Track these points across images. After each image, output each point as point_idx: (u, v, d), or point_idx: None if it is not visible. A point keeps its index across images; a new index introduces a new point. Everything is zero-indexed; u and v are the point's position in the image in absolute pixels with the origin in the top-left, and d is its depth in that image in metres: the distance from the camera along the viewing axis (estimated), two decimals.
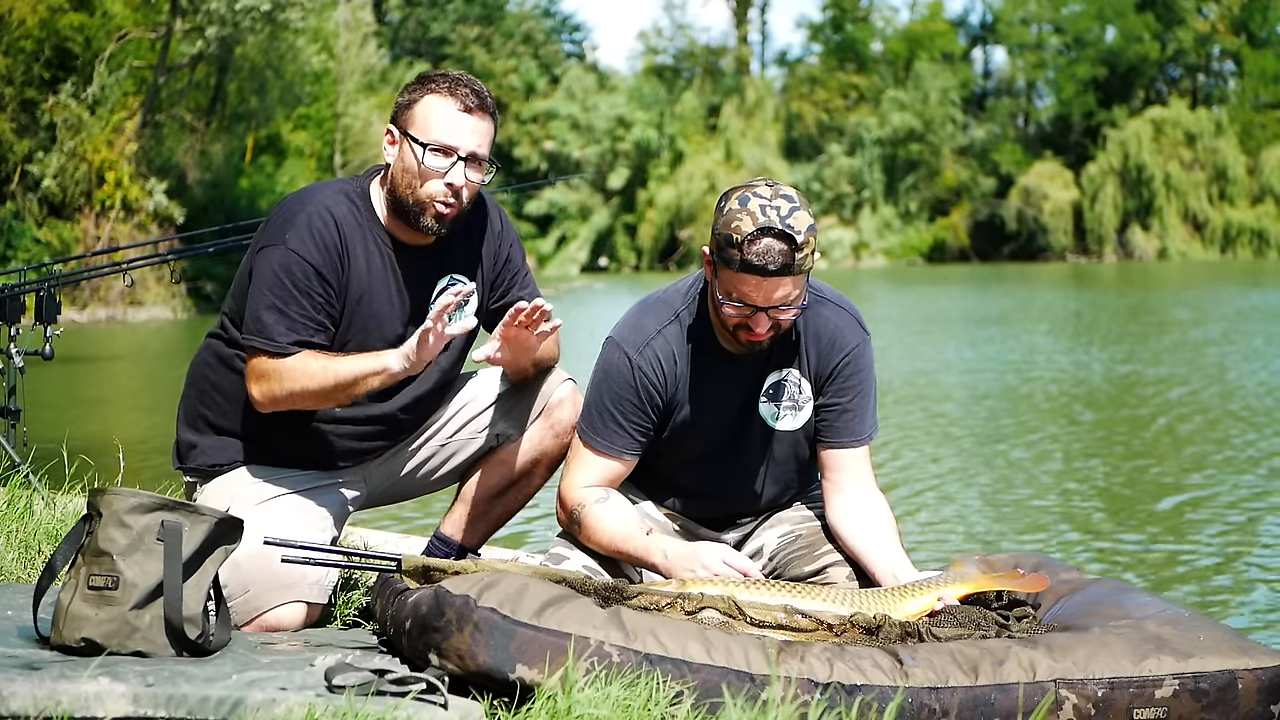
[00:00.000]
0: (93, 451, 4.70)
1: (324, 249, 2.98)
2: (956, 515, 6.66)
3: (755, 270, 2.81)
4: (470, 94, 2.99)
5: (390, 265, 3.06)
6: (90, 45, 28.56)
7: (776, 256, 2.80)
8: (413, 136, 2.98)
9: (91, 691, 2.19)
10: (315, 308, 2.97)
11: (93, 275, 6.05)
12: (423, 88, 3.02)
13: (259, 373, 2.97)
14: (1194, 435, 9.12)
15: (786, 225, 2.80)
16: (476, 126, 3.00)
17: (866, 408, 3.08)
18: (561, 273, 52.54)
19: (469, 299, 3.16)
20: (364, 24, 41.98)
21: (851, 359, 3.06)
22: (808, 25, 68.47)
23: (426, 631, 2.49)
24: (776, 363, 3.06)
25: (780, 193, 2.86)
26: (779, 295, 2.85)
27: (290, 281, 2.95)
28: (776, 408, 3.07)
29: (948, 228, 57.50)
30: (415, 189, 2.99)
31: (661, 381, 3.02)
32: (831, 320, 3.06)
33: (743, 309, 2.87)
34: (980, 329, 19.97)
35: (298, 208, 3.03)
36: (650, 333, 3.04)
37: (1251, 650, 2.57)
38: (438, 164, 2.97)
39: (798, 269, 2.83)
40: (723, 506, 3.20)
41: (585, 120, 56.90)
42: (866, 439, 3.09)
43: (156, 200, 28.50)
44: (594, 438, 3.06)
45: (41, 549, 3.51)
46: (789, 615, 2.65)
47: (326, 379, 2.93)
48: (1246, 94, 59.52)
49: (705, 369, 3.04)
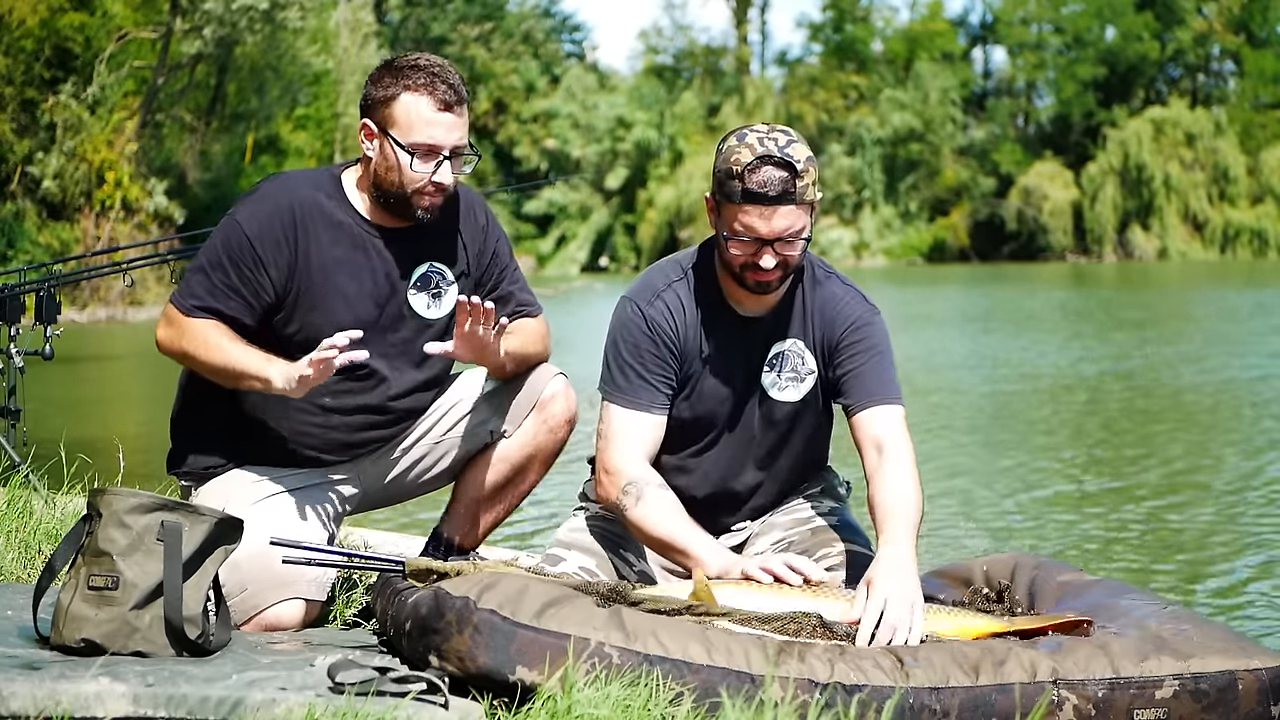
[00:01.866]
0: (93, 451, 4.70)
1: (268, 225, 3.00)
2: (957, 515, 6.66)
3: (757, 199, 2.82)
4: (448, 89, 2.98)
5: (362, 246, 3.06)
6: (90, 45, 28.57)
7: (777, 184, 2.81)
8: (394, 138, 2.99)
9: (91, 691, 2.19)
10: (241, 279, 2.99)
11: (93, 275, 6.05)
12: (396, 82, 2.99)
13: (168, 318, 3.04)
14: (1194, 434, 9.12)
15: (785, 154, 2.83)
16: (456, 122, 3.00)
17: (884, 368, 2.99)
18: (561, 272, 52.52)
19: (445, 290, 3.16)
20: (364, 24, 41.98)
21: (858, 324, 3.02)
22: (808, 25, 68.50)
23: (426, 633, 2.48)
24: (781, 333, 3.05)
25: (777, 128, 2.89)
26: (782, 225, 2.84)
27: (223, 248, 3.00)
28: (778, 377, 3.06)
29: (948, 228, 57.48)
30: (402, 186, 3.01)
31: (674, 328, 3.01)
32: (838, 294, 3.05)
33: (748, 245, 2.87)
34: (980, 328, 19.97)
35: (261, 185, 3.10)
36: (659, 287, 3.05)
37: (1252, 651, 2.56)
38: (424, 167, 2.99)
39: (799, 197, 2.84)
40: (722, 495, 3.14)
41: (585, 120, 56.89)
42: (894, 399, 2.96)
43: (156, 200, 28.52)
44: (620, 396, 3.01)
45: (41, 549, 3.51)
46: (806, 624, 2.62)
47: (214, 356, 2.96)
48: (1246, 94, 59.52)
49: (713, 324, 3.03)
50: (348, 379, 3.08)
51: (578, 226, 55.51)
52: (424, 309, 3.14)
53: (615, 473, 2.97)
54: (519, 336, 3.21)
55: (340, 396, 3.10)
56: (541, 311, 3.33)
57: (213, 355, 2.96)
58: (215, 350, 2.95)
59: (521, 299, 3.29)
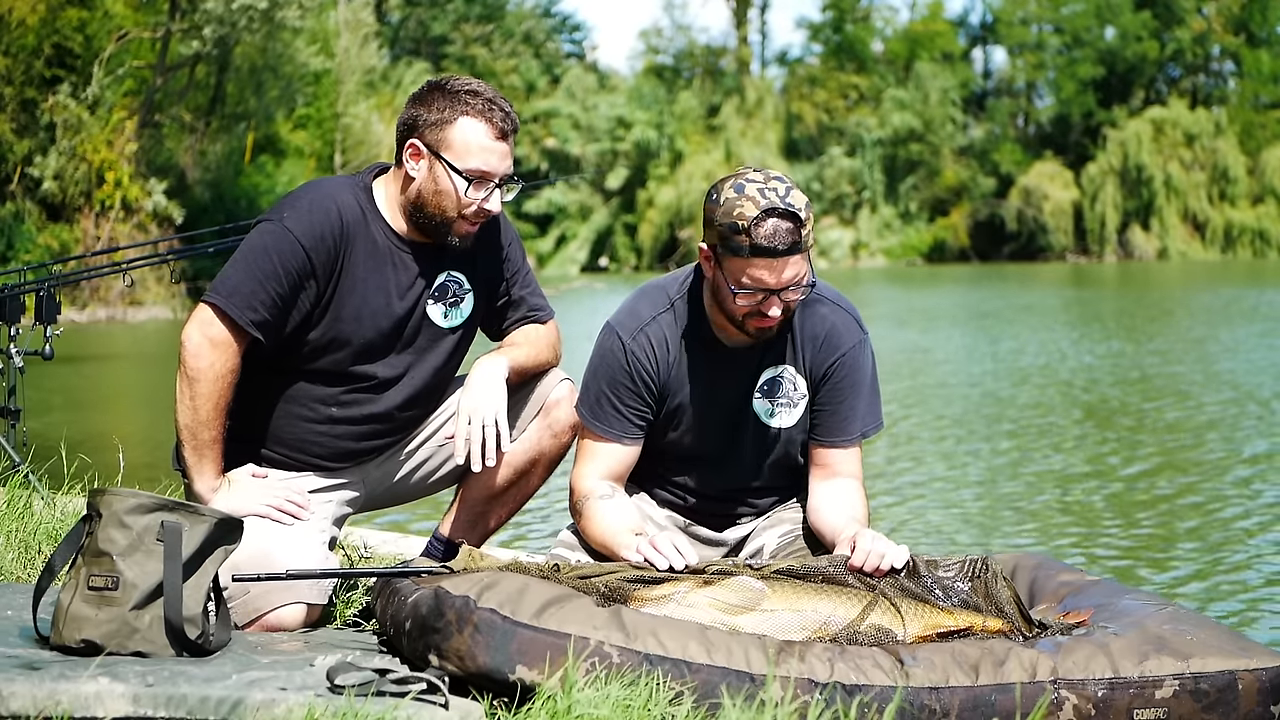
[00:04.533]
0: (92, 451, 4.70)
1: (321, 236, 2.96)
2: (957, 514, 6.66)
3: (766, 253, 2.82)
4: (504, 116, 2.99)
5: (390, 260, 3.06)
6: (90, 45, 28.56)
7: (785, 236, 2.82)
8: (448, 162, 2.96)
9: (91, 691, 2.19)
10: (293, 289, 2.95)
11: (92, 275, 6.04)
12: (453, 107, 2.97)
13: (204, 320, 2.93)
14: (1194, 434, 9.12)
15: (788, 204, 2.83)
16: (508, 151, 3.01)
17: (858, 408, 3.07)
18: (561, 272, 52.52)
19: (462, 299, 3.16)
20: (365, 24, 41.97)
21: (846, 360, 3.05)
22: (808, 25, 68.48)
23: (426, 632, 2.48)
24: (772, 359, 3.06)
25: (771, 175, 2.89)
26: (790, 275, 2.86)
27: (278, 258, 2.93)
28: (772, 404, 3.07)
29: (948, 228, 57.49)
30: (446, 210, 3.00)
31: (654, 367, 3.03)
32: (828, 319, 3.06)
33: (754, 296, 2.87)
34: (978, 327, 19.97)
35: (304, 193, 3.04)
36: (645, 319, 3.05)
37: (1251, 650, 2.56)
38: (477, 194, 2.98)
39: (805, 246, 2.86)
40: (722, 505, 3.19)
41: (585, 120, 56.90)
42: (856, 439, 3.08)
43: (156, 200, 28.51)
44: (594, 424, 3.06)
45: (41, 549, 3.51)
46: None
47: (190, 404, 2.91)
48: (1246, 94, 59.53)
49: (699, 358, 3.05)
50: (357, 390, 3.08)
51: (578, 226, 55.51)
52: (440, 318, 3.14)
53: (574, 490, 3.08)
54: (528, 346, 3.22)
55: (348, 407, 3.09)
56: (552, 316, 3.33)
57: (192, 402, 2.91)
58: (197, 401, 2.91)
59: (533, 304, 3.29)
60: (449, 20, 58.93)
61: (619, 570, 2.70)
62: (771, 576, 2.69)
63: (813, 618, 2.63)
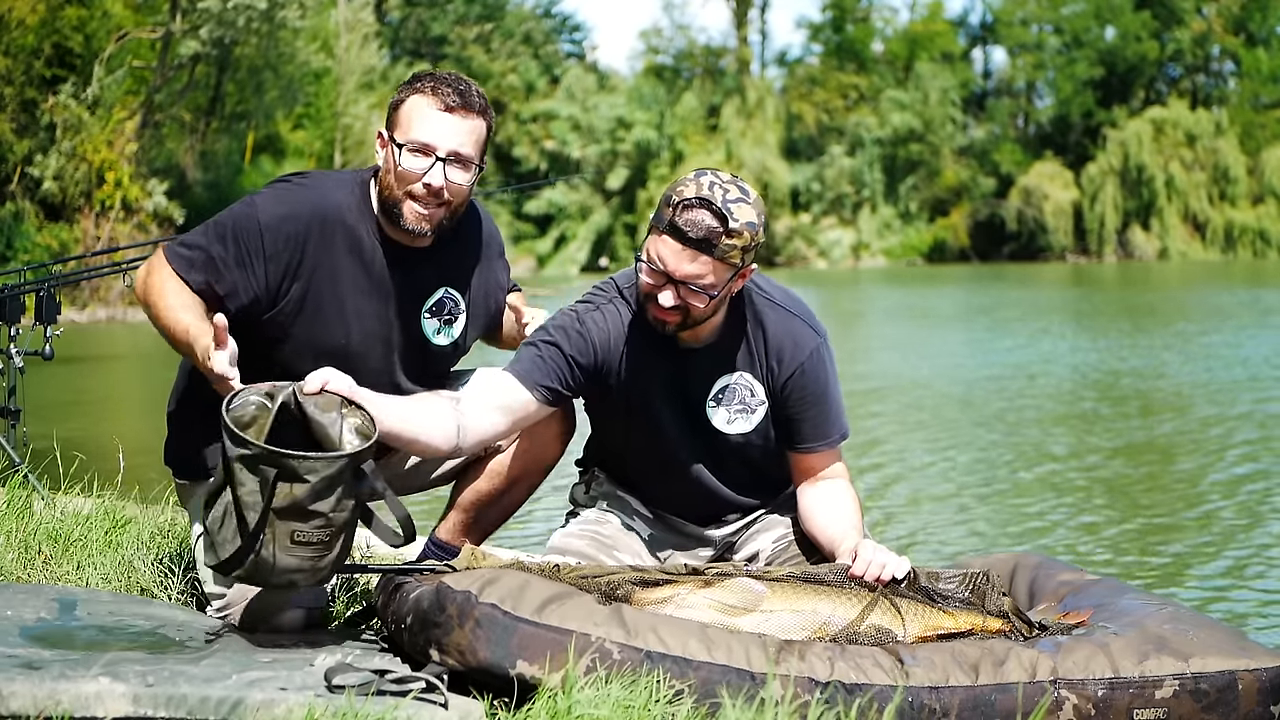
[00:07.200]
0: (92, 451, 4.70)
1: (282, 222, 2.94)
2: (957, 513, 6.66)
3: (678, 234, 2.79)
4: (453, 93, 2.96)
5: (376, 260, 3.04)
6: (90, 45, 28.57)
7: (702, 228, 2.78)
8: (393, 138, 2.97)
9: (91, 691, 2.19)
10: (238, 261, 2.93)
11: (92, 275, 6.05)
12: (409, 88, 3.00)
13: (153, 266, 2.95)
14: (1193, 433, 9.12)
15: (725, 207, 2.79)
16: (458, 125, 2.95)
17: (827, 413, 3.04)
18: (561, 273, 52.52)
19: (457, 318, 3.15)
20: (364, 24, 41.99)
21: (806, 368, 3.01)
22: (808, 25, 68.57)
23: (427, 627, 2.49)
24: (725, 367, 3.03)
25: (739, 185, 2.85)
26: (689, 270, 2.81)
27: (232, 226, 2.94)
28: (727, 411, 3.04)
29: (948, 228, 57.49)
30: (394, 190, 2.97)
31: (598, 342, 2.99)
32: (782, 326, 3.02)
33: (655, 275, 2.84)
34: (977, 326, 19.97)
35: (292, 183, 3.04)
36: (608, 296, 3.05)
37: (1251, 650, 2.56)
38: (416, 164, 2.94)
39: (720, 253, 2.80)
40: (696, 507, 3.17)
41: (585, 120, 56.88)
42: (835, 440, 3.06)
43: (156, 200, 28.51)
44: (515, 361, 3.02)
45: (41, 549, 3.50)
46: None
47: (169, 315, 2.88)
48: (1246, 94, 59.53)
49: (648, 352, 3.00)
50: None
51: (578, 227, 55.50)
52: (433, 334, 3.13)
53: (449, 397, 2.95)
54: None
55: None
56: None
57: (168, 314, 2.89)
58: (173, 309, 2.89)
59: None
60: (448, 20, 58.91)
61: (620, 572, 2.71)
62: (772, 579, 2.70)
63: (812, 618, 2.63)
